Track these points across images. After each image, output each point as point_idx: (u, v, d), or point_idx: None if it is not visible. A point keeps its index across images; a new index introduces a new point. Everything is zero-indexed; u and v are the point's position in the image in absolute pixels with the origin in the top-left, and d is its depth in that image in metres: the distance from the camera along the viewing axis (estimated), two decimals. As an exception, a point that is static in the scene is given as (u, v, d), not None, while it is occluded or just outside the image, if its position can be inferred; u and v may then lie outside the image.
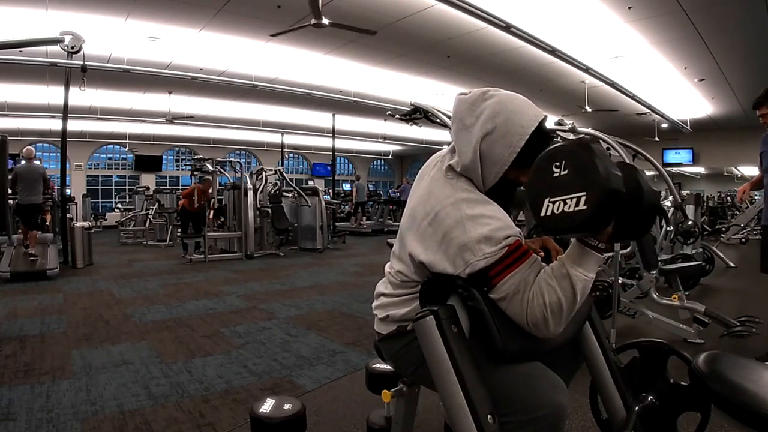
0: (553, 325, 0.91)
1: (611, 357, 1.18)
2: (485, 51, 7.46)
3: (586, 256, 0.91)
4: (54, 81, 7.95)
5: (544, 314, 0.90)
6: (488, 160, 1.01)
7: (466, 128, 1.04)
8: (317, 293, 4.71)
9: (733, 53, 7.21)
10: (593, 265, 0.92)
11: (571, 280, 0.90)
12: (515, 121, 1.00)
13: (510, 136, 1.00)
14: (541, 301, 0.90)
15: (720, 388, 0.99)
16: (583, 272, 0.91)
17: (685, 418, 1.16)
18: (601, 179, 0.82)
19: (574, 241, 0.94)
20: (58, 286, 5.05)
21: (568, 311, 0.91)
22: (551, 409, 0.94)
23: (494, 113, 1.01)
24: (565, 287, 0.90)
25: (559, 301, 0.90)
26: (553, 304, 0.90)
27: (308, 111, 12.21)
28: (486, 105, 1.03)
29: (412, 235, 1.05)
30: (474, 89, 1.08)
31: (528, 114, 1.01)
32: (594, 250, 0.91)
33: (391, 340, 1.15)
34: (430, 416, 1.92)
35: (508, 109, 1.01)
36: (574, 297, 0.90)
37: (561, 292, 0.90)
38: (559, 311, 0.90)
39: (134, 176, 16.82)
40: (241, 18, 6.15)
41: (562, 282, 0.90)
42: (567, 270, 0.91)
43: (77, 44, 5.29)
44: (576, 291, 0.90)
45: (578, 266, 0.91)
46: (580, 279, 0.90)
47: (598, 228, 0.88)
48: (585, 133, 2.85)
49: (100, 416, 2.00)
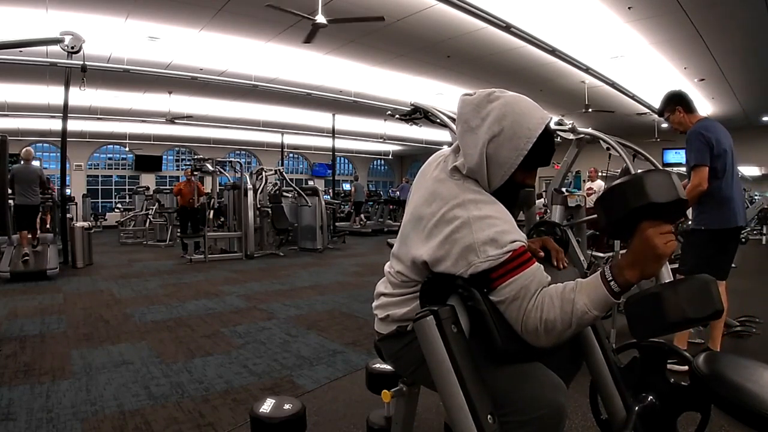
0: (545, 340, 0.91)
1: (611, 357, 1.18)
2: (485, 51, 7.46)
3: (599, 292, 0.89)
4: (54, 81, 7.95)
5: (538, 328, 0.90)
6: (495, 162, 1.01)
7: (472, 130, 1.03)
8: (317, 293, 4.71)
9: (733, 53, 7.20)
10: (602, 304, 0.89)
11: (574, 307, 0.89)
12: (522, 124, 0.99)
13: (517, 138, 0.99)
14: (538, 314, 0.90)
15: (720, 388, 0.99)
16: (589, 305, 0.88)
17: (685, 418, 1.16)
18: None
19: (597, 273, 0.92)
20: (58, 286, 5.05)
21: (560, 333, 0.90)
22: (551, 409, 0.93)
23: (501, 115, 1.00)
24: (566, 312, 0.89)
25: (555, 321, 0.89)
26: (548, 322, 0.90)
27: (308, 111, 12.21)
28: (492, 107, 1.02)
29: (415, 235, 1.04)
30: (479, 90, 1.07)
31: (535, 116, 1.01)
32: (608, 291, 0.88)
33: (391, 340, 1.15)
34: (430, 416, 1.92)
35: (515, 112, 1.00)
36: (569, 324, 0.89)
37: (560, 314, 0.89)
38: (552, 330, 0.90)
39: (134, 176, 16.83)
40: (241, 18, 6.15)
41: (565, 305, 0.89)
42: (575, 296, 0.89)
43: (77, 44, 5.28)
44: (573, 320, 0.89)
45: (587, 298, 0.89)
46: (581, 310, 0.88)
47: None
48: (585, 133, 2.84)
49: (100, 416, 2.00)
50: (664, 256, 0.85)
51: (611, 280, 0.87)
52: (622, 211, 0.91)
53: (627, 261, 0.88)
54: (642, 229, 0.86)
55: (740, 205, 2.51)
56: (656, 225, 0.86)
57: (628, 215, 0.90)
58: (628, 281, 0.87)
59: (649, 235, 0.85)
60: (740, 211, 2.49)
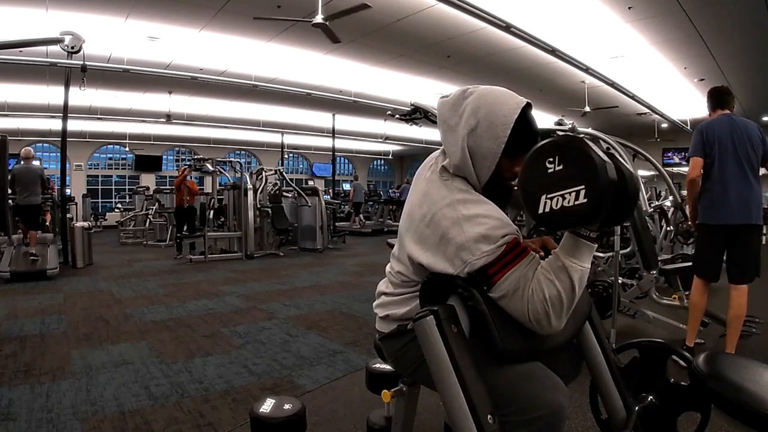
0: (555, 319, 0.91)
1: (611, 357, 1.18)
2: (485, 51, 7.46)
3: (579, 247, 0.92)
4: (54, 81, 7.95)
5: (546, 308, 0.90)
6: (478, 155, 1.02)
7: (452, 129, 1.05)
8: (317, 293, 4.71)
9: (733, 53, 7.21)
10: (587, 255, 0.92)
11: (568, 271, 0.90)
12: (497, 112, 1.00)
13: (494, 127, 1.00)
14: (541, 296, 0.90)
15: (720, 388, 0.99)
16: (579, 262, 0.91)
17: (685, 418, 1.16)
18: (598, 170, 0.81)
19: (567, 233, 0.94)
20: (58, 286, 5.05)
21: (568, 303, 0.91)
22: (551, 409, 0.93)
23: (475, 108, 1.01)
24: (563, 279, 0.90)
25: (559, 294, 0.90)
26: (553, 298, 0.90)
27: (308, 111, 12.22)
28: (467, 102, 1.03)
29: (410, 237, 1.05)
30: (454, 90, 1.08)
31: (509, 103, 1.02)
32: (587, 240, 0.91)
33: (391, 339, 1.15)
34: (430, 416, 1.92)
35: (488, 102, 1.02)
36: (572, 288, 0.91)
37: (560, 284, 0.90)
38: (559, 304, 0.90)
39: (134, 176, 16.83)
40: (241, 18, 6.15)
41: (559, 274, 0.91)
42: (563, 262, 0.91)
43: (77, 44, 5.29)
44: (574, 282, 0.91)
45: (573, 257, 0.91)
46: (576, 270, 0.91)
47: (598, 219, 0.87)
48: (585, 133, 2.85)
49: (100, 416, 2.00)
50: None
51: (585, 231, 0.91)
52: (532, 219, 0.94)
53: None
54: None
55: (739, 202, 2.43)
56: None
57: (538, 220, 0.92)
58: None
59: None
60: (738, 208, 2.43)
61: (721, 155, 2.45)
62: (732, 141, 2.44)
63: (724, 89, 2.67)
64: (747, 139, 2.45)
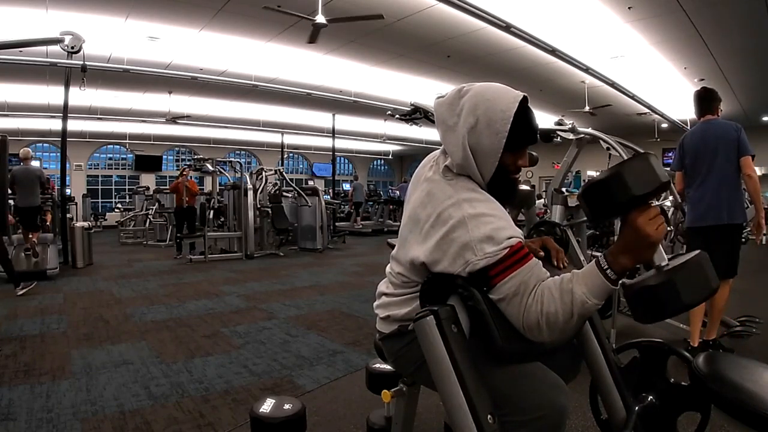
0: (547, 333, 0.91)
1: (611, 357, 1.18)
2: (485, 51, 7.46)
3: (596, 280, 0.89)
4: (54, 81, 7.95)
5: (539, 321, 0.90)
6: (480, 152, 1.02)
7: (451, 128, 1.05)
8: (317, 293, 4.71)
9: (733, 53, 7.20)
10: (600, 292, 0.89)
11: (573, 297, 0.89)
12: (495, 108, 1.00)
13: (494, 123, 1.00)
14: (539, 308, 0.90)
15: (720, 388, 0.99)
16: (588, 295, 0.88)
17: (685, 418, 1.16)
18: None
19: (592, 262, 0.92)
20: (58, 286, 5.05)
21: (563, 326, 0.90)
22: (551, 410, 0.93)
23: (473, 106, 1.01)
24: (566, 303, 0.89)
25: (556, 313, 0.89)
26: (549, 315, 0.89)
27: (308, 111, 12.21)
28: (464, 101, 1.03)
29: (413, 237, 1.05)
30: (450, 89, 1.08)
31: (506, 98, 1.01)
32: (605, 279, 0.88)
33: (392, 340, 1.15)
34: (430, 416, 1.92)
35: (486, 99, 1.01)
36: (570, 315, 0.89)
37: (560, 306, 0.89)
38: (554, 323, 0.90)
39: (134, 176, 16.82)
40: (241, 18, 6.15)
41: (564, 296, 0.89)
42: (573, 287, 0.89)
43: (77, 44, 5.28)
44: (574, 310, 0.89)
45: (585, 287, 0.89)
46: (581, 300, 0.88)
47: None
48: (585, 133, 2.84)
49: (100, 416, 2.00)
50: (656, 242, 0.87)
51: (607, 268, 0.88)
52: (606, 208, 0.93)
53: (620, 248, 0.88)
54: (631, 220, 0.87)
55: (713, 204, 2.61)
56: (644, 212, 0.87)
57: (613, 211, 0.92)
58: (623, 268, 0.88)
59: (640, 224, 0.86)
60: (711, 210, 2.61)
61: (697, 165, 2.69)
62: (705, 149, 2.65)
63: (707, 94, 2.78)
64: (723, 144, 2.61)
